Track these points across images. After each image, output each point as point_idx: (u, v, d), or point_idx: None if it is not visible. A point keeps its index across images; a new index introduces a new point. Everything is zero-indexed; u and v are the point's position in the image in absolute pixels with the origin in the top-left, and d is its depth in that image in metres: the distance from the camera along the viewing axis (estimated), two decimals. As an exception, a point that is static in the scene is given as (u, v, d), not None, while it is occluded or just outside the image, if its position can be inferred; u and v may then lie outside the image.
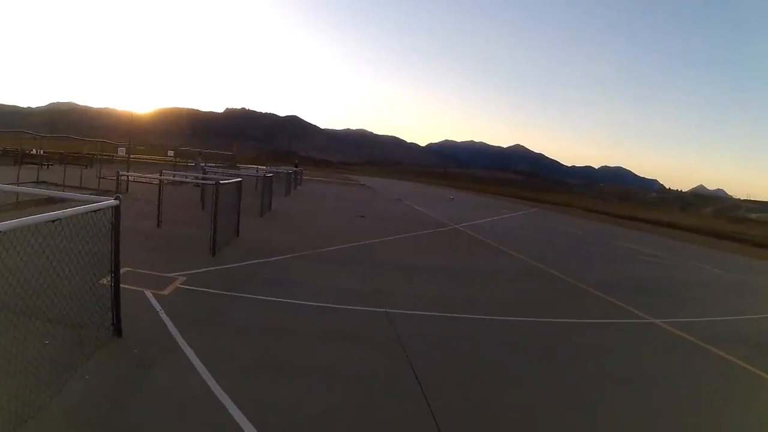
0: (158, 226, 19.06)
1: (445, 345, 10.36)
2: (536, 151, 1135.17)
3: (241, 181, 19.59)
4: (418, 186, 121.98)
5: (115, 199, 7.80)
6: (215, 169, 37.42)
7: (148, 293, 10.63)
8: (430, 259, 20.91)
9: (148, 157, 65.29)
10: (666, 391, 9.39)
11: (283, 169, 55.64)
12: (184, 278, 12.19)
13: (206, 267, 13.76)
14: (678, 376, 10.45)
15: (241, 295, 11.68)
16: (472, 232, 32.26)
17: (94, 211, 7.19)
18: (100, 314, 7.87)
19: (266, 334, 9.46)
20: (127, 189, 28.28)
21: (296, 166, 73.68)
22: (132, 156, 39.79)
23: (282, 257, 16.59)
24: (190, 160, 51.29)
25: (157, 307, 9.88)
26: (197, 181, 21.01)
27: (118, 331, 8.13)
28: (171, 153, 56.82)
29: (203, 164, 44.81)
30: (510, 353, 10.38)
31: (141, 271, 12.21)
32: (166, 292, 10.95)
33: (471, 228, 34.39)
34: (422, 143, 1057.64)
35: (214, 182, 16.23)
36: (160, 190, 19.77)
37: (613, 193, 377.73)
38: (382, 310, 12.03)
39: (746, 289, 24.33)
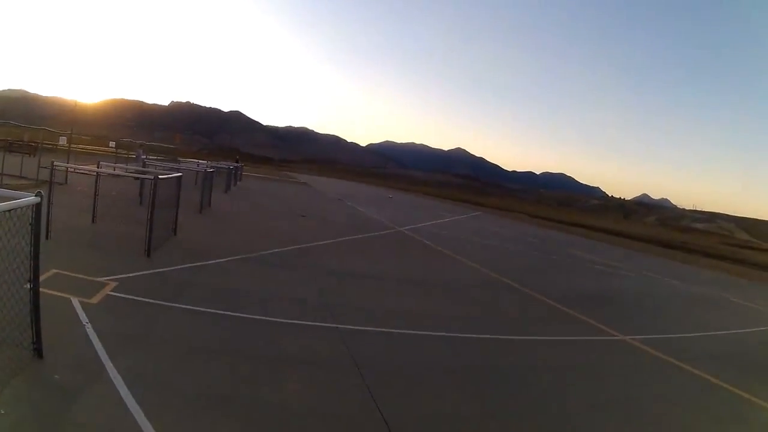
0: (93, 221, 17.81)
1: (408, 371, 9.53)
2: (477, 154, 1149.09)
3: (181, 176, 18.50)
4: (358, 186, 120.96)
5: (36, 195, 6.57)
6: (156, 162, 36.39)
7: (75, 302, 9.58)
8: (380, 265, 20.44)
9: (90, 147, 63.34)
10: (654, 420, 9.16)
11: (224, 164, 54.51)
12: (116, 284, 11.18)
13: (140, 270, 12.70)
14: (661, 401, 10.19)
15: (178, 305, 10.63)
16: (418, 236, 31.90)
17: (8, 210, 6.01)
18: (20, 328, 6.86)
19: (208, 357, 8.41)
20: (66, 180, 26.73)
21: (237, 162, 72.35)
22: (74, 146, 38.36)
23: (222, 260, 15.67)
24: (131, 152, 49.76)
25: (84, 319, 8.84)
26: (135, 175, 19.69)
27: (38, 351, 7.06)
28: (113, 144, 55.02)
29: (144, 156, 43.49)
30: (478, 379, 9.72)
31: (69, 273, 11.20)
32: (94, 300, 9.90)
33: (416, 232, 34.04)
34: (363, 143, 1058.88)
35: (152, 177, 15.14)
36: (96, 183, 18.49)
37: (554, 199, 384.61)
38: (334, 325, 11.27)
39: (706, 301, 25.13)
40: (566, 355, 12.52)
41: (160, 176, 15.05)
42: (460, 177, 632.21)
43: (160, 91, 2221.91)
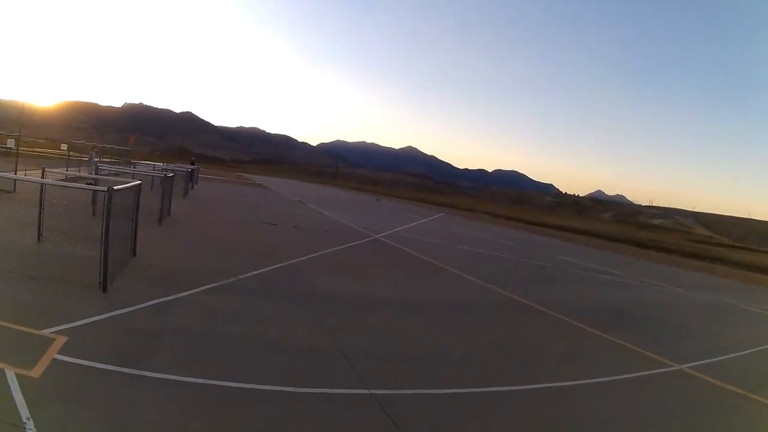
0: (39, 239, 14.80)
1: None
2: (429, 153, 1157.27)
3: (140, 184, 15.10)
4: (313, 187, 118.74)
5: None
6: (110, 167, 33.59)
7: (11, 375, 6.65)
8: (376, 286, 17.79)
9: (41, 150, 59.56)
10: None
11: (182, 167, 51.82)
12: (65, 338, 8.28)
13: (96, 314, 9.77)
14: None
15: (151, 374, 7.63)
16: (398, 244, 29.58)
17: None
18: None
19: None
20: (14, 188, 23.94)
21: (193, 164, 69.25)
22: (24, 149, 35.42)
23: (196, 291, 12.69)
24: (84, 154, 46.40)
25: (24, 412, 5.92)
26: (85, 187, 15.74)
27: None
28: (64, 147, 51.20)
29: (97, 159, 40.53)
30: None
31: (3, 323, 8.42)
32: (36, 372, 6.94)
33: (393, 239, 31.71)
34: (313, 143, 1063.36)
35: (105, 189, 11.54)
36: (41, 193, 15.45)
37: (507, 197, 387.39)
38: (367, 392, 8.40)
39: (722, 311, 24.26)
40: (638, 403, 10.09)
41: (115, 187, 11.76)
42: (412, 176, 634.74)
43: (113, 92, 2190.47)
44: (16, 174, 24.83)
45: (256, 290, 14.08)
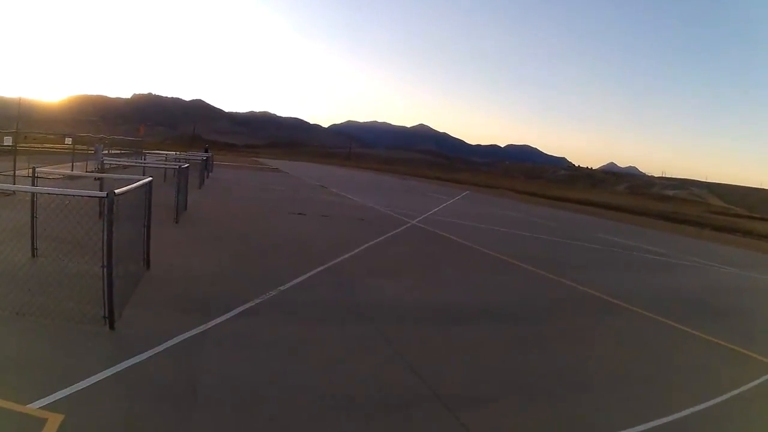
0: (33, 254, 12.04)
1: None
2: (441, 130, 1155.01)
3: (150, 181, 12.19)
4: (330, 169, 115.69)
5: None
6: (118, 160, 31.13)
7: None
8: (439, 288, 14.90)
9: (45, 146, 56.86)
10: None
11: (195, 155, 49.30)
12: (60, 418, 5.55)
13: (100, 369, 6.95)
14: None
15: None
16: (438, 230, 26.81)
17: None
18: None
19: None
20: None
21: (206, 151, 66.64)
22: (23, 146, 33.05)
23: (228, 316, 9.83)
24: (91, 147, 43.87)
25: None
26: (80, 193, 11.10)
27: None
28: (69, 140, 48.62)
29: (103, 152, 38.02)
30: None
31: None
32: None
33: (434, 224, 28.88)
34: (325, 124, 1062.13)
35: (104, 194, 8.40)
36: (33, 199, 12.28)
37: (521, 171, 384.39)
38: None
39: None
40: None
41: (117, 191, 8.64)
42: (425, 153, 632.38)
43: (121, 84, 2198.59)
44: (14, 174, 22.30)
45: (304, 307, 11.25)
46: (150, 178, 12.05)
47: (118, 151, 48.47)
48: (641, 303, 15.44)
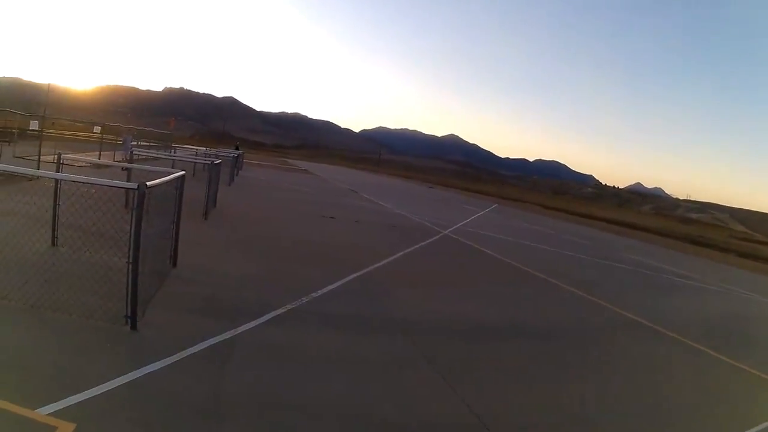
0: (53, 243, 11.40)
1: None
2: (471, 141, 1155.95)
3: (183, 176, 11.37)
4: (359, 173, 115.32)
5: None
6: (147, 151, 30.66)
7: None
8: (478, 304, 13.95)
9: (69, 132, 56.68)
10: None
11: (226, 152, 48.83)
12: (71, 428, 4.96)
13: (119, 373, 6.28)
14: None
15: None
16: (471, 241, 25.93)
17: None
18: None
19: None
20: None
21: (237, 148, 66.34)
22: (50, 132, 32.79)
23: (257, 323, 9.10)
24: (120, 138, 43.54)
25: None
26: (109, 183, 10.16)
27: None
28: (97, 129, 48.28)
29: (132, 143, 37.60)
30: None
31: None
32: None
33: (466, 236, 27.97)
34: (356, 129, 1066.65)
35: (135, 186, 7.67)
36: (57, 188, 11.55)
37: (548, 186, 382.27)
38: None
39: None
40: None
41: (149, 183, 7.93)
42: (454, 163, 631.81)
43: (154, 77, 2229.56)
44: (39, 159, 21.81)
45: (337, 318, 10.46)
46: (183, 172, 11.29)
47: (147, 144, 48.06)
48: (682, 330, 14.76)
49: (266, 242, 17.37)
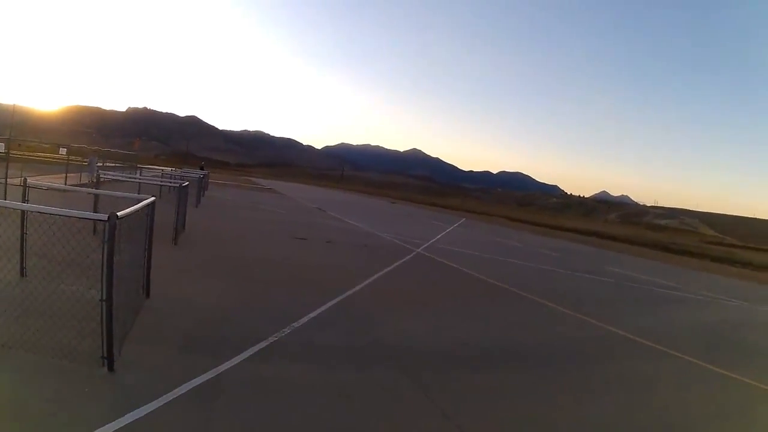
0: (22, 275, 10.83)
1: None
2: (433, 155, 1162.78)
3: (153, 202, 10.77)
4: (323, 191, 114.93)
5: None
6: (113, 173, 30.04)
7: None
8: (462, 329, 13.46)
9: (34, 154, 55.53)
10: None
11: (192, 172, 48.09)
12: None
13: (101, 424, 5.81)
14: None
15: None
16: (449, 261, 25.56)
17: None
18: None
19: None
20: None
21: (202, 168, 65.57)
22: (16, 154, 32.13)
23: (240, 358, 8.60)
24: (85, 159, 42.86)
25: None
26: (78, 215, 9.11)
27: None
28: (63, 151, 47.27)
29: (99, 164, 37.04)
30: None
31: None
32: None
33: (440, 254, 27.71)
34: (318, 146, 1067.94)
35: (107, 217, 7.08)
36: (23, 220, 10.89)
37: (513, 198, 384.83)
38: None
39: None
40: None
41: (120, 213, 7.31)
42: (418, 178, 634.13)
43: (117, 97, 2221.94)
44: (6, 182, 21.09)
45: (323, 350, 9.97)
46: (153, 198, 10.80)
47: (113, 164, 47.45)
48: (677, 345, 14.58)
49: (240, 267, 16.85)
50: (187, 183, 23.24)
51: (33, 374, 6.77)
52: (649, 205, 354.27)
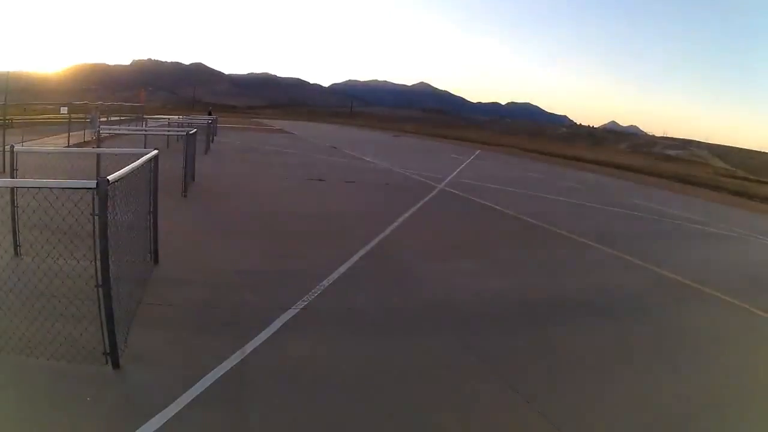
0: (16, 253, 9.64)
1: None
2: (442, 88, 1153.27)
3: (156, 155, 9.61)
4: (334, 129, 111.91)
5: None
6: (116, 127, 28.90)
7: None
8: (508, 275, 12.31)
9: (40, 117, 54.21)
10: None
11: (200, 118, 46.83)
12: None
13: None
14: None
15: None
16: (474, 196, 24.29)
17: None
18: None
19: None
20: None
21: (210, 114, 64.15)
22: (19, 119, 31.48)
23: (266, 335, 7.33)
24: (87, 115, 41.54)
25: None
26: (62, 185, 7.70)
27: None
28: (64, 110, 45.82)
29: (101, 119, 35.67)
30: None
31: None
32: None
33: (463, 189, 26.40)
34: (325, 84, 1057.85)
35: (95, 184, 5.99)
36: (13, 196, 9.44)
37: (522, 128, 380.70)
38: None
39: None
40: None
41: (111, 177, 6.24)
42: (427, 111, 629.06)
43: (121, 51, 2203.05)
44: (3, 150, 19.86)
45: (361, 312, 8.81)
46: (155, 151, 9.47)
47: (118, 118, 46.18)
48: (741, 294, 12.89)
49: (256, 219, 15.62)
50: (194, 130, 21.92)
51: (27, 380, 5.66)
52: (658, 135, 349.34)
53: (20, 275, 7.67)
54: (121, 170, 6.75)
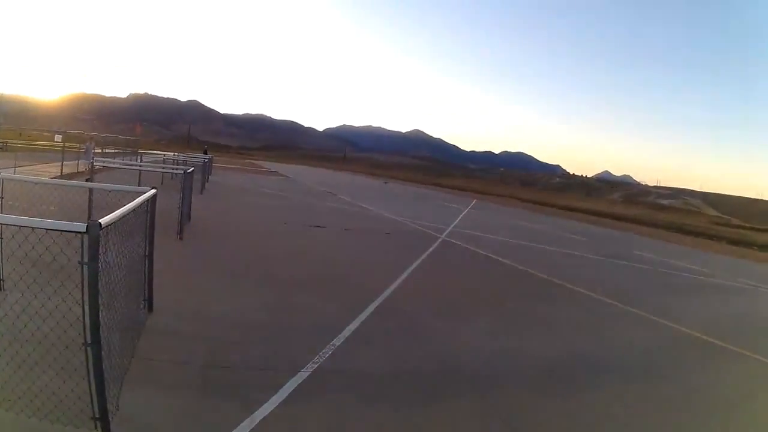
0: (1, 288, 8.77)
1: None
2: (436, 135, 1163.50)
3: (154, 195, 8.78)
4: (329, 173, 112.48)
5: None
6: (111, 160, 28.31)
7: None
8: (524, 335, 11.40)
9: (34, 143, 53.81)
10: None
11: (195, 156, 46.38)
12: None
13: None
14: None
15: None
16: (476, 247, 23.64)
17: None
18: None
19: None
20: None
21: (206, 153, 63.70)
22: (14, 143, 30.82)
23: (276, 401, 6.39)
24: (82, 146, 40.99)
25: None
26: (53, 226, 7.42)
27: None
28: (58, 138, 45.06)
29: (96, 150, 35.66)
30: None
31: None
32: None
33: (465, 240, 25.68)
34: (320, 128, 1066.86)
35: (84, 227, 4.92)
36: None
37: (516, 178, 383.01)
38: None
39: None
40: None
41: (103, 221, 5.16)
42: (420, 159, 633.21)
43: (119, 83, 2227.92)
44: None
45: (379, 376, 7.85)
46: (153, 191, 8.64)
47: (113, 150, 45.85)
48: (740, 342, 12.92)
49: (256, 265, 14.75)
50: (192, 169, 21.19)
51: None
52: (651, 184, 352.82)
53: (4, 314, 6.82)
54: (116, 212, 5.85)
